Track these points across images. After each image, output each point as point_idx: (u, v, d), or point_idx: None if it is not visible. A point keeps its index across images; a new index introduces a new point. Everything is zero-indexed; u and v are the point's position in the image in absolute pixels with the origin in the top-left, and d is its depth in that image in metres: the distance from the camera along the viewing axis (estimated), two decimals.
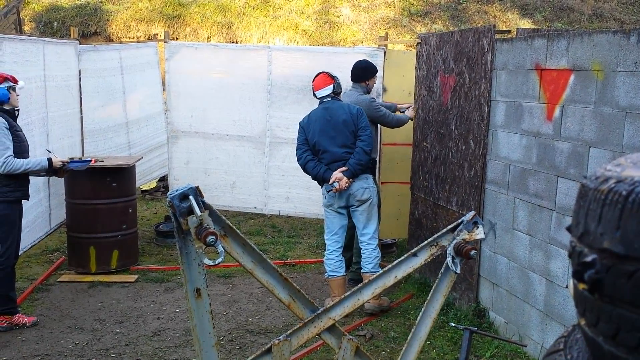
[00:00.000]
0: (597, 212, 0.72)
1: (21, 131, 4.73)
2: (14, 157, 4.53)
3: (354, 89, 5.54)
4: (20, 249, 5.51)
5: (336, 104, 5.06)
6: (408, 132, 6.08)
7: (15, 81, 4.68)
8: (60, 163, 4.87)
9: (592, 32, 3.68)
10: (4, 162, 4.48)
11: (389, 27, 15.00)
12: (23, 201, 4.79)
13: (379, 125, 5.92)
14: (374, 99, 5.56)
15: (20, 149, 4.64)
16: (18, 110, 4.74)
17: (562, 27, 14.63)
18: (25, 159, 4.64)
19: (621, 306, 0.69)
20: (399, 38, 14.42)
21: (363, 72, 5.51)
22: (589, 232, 0.73)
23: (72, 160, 5.21)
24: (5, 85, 4.57)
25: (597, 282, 0.71)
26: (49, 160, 4.77)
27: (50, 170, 4.83)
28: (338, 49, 9.45)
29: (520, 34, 5.23)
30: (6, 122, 4.53)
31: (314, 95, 5.16)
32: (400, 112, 5.94)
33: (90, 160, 5.49)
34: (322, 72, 5.16)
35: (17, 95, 4.72)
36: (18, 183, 4.63)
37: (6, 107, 4.60)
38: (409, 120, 5.81)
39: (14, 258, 4.73)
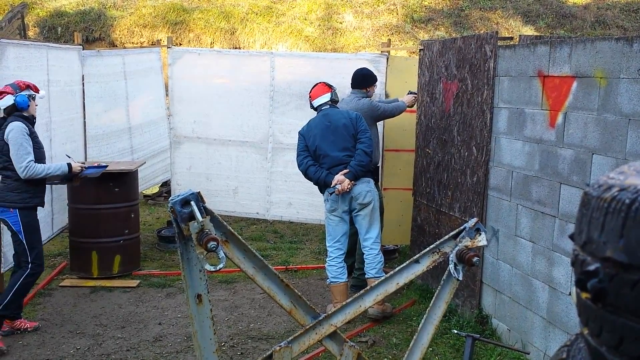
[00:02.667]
0: (600, 220, 0.72)
1: (38, 137, 4.74)
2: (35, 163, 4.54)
3: (354, 94, 5.56)
4: None
5: (335, 110, 5.12)
6: (410, 138, 6.08)
7: (37, 90, 4.69)
8: (80, 168, 4.86)
9: (594, 39, 3.68)
10: (26, 167, 4.48)
11: (392, 34, 15.02)
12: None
13: (380, 132, 5.93)
14: (371, 100, 5.58)
15: (39, 155, 4.65)
16: (35, 118, 4.76)
17: (564, 34, 14.63)
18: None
19: (624, 316, 0.68)
20: (401, 44, 14.44)
21: (363, 79, 5.55)
22: (592, 240, 0.73)
23: (88, 167, 5.16)
24: (26, 93, 4.58)
25: (600, 291, 0.70)
26: (69, 165, 4.77)
27: (70, 175, 4.82)
28: (341, 55, 9.46)
29: (522, 40, 5.23)
30: (27, 128, 4.54)
31: (311, 106, 5.23)
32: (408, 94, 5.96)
33: (106, 166, 5.43)
34: (319, 82, 5.25)
35: (36, 105, 4.74)
36: (37, 189, 4.65)
37: (25, 114, 4.61)
38: (406, 107, 5.80)
39: (43, 265, 4.76)
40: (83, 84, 7.01)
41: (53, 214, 6.48)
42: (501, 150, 4.57)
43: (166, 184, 9.09)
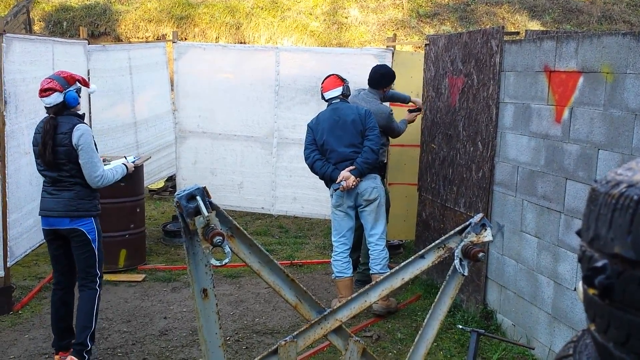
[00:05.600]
0: (608, 216, 0.71)
1: None
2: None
3: (372, 94, 5.50)
4: (30, 247, 5.52)
5: (345, 105, 5.08)
6: (416, 134, 6.07)
7: (87, 84, 4.23)
8: (133, 166, 4.58)
9: (601, 34, 3.66)
10: (102, 176, 4.07)
11: (397, 28, 14.98)
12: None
13: None
14: (392, 112, 5.55)
15: None
16: (84, 114, 4.30)
17: (571, 29, 14.56)
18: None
19: (632, 312, 0.68)
20: (407, 39, 14.40)
21: (383, 79, 5.50)
22: (600, 236, 0.73)
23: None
24: (74, 87, 4.04)
25: (608, 288, 0.70)
26: (126, 166, 4.45)
27: (126, 176, 4.46)
28: (346, 50, 9.45)
29: (529, 35, 5.21)
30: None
31: (322, 97, 5.18)
32: (408, 111, 5.95)
33: (138, 158, 5.19)
34: (332, 74, 5.18)
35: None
36: (98, 194, 4.26)
37: (78, 111, 4.16)
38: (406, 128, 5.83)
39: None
40: (88, 78, 7.01)
41: None
42: (507, 145, 4.55)
43: (171, 179, 9.11)
